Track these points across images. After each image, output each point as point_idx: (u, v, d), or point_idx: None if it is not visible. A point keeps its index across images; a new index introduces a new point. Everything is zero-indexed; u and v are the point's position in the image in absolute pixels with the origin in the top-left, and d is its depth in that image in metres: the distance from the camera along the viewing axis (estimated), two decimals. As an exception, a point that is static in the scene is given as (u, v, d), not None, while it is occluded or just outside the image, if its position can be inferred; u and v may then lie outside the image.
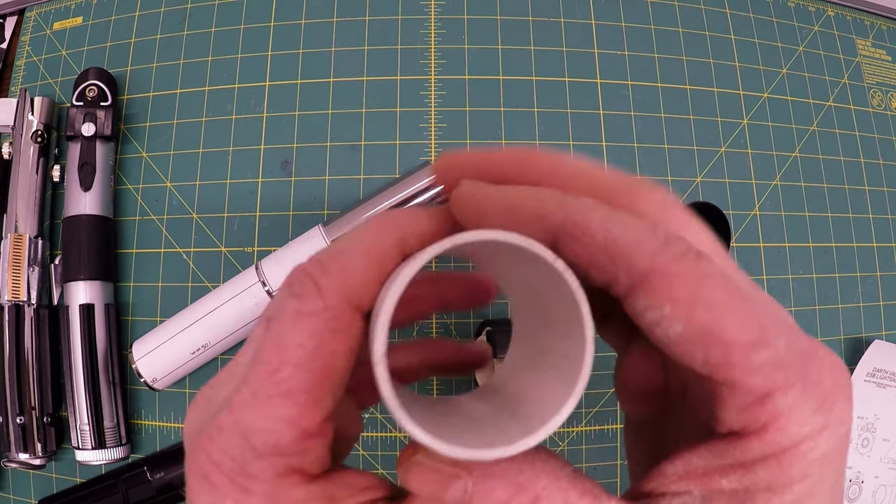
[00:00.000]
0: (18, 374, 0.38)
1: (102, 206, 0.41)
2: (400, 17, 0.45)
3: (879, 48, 0.49)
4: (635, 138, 0.44)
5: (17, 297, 0.39)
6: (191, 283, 0.42)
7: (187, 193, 0.43)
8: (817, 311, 0.44)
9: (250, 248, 0.42)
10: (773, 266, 0.44)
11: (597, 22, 0.46)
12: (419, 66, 0.45)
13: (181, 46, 0.45)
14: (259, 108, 0.44)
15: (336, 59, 0.44)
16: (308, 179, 0.43)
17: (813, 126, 0.46)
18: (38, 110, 0.42)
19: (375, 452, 0.41)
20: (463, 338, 0.41)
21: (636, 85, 0.45)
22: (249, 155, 0.43)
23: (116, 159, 0.43)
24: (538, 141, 0.43)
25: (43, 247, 0.41)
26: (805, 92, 0.47)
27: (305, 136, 0.43)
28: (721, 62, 0.46)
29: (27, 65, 0.46)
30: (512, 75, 0.45)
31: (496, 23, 0.45)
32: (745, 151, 0.45)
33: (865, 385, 0.42)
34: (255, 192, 0.43)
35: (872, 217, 0.46)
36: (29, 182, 0.41)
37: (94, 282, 0.39)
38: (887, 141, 0.47)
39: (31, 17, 0.48)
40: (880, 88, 0.48)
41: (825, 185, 0.45)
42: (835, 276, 0.44)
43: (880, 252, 0.45)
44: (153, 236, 0.43)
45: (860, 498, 0.41)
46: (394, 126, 0.44)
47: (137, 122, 0.44)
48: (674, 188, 0.44)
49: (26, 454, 0.38)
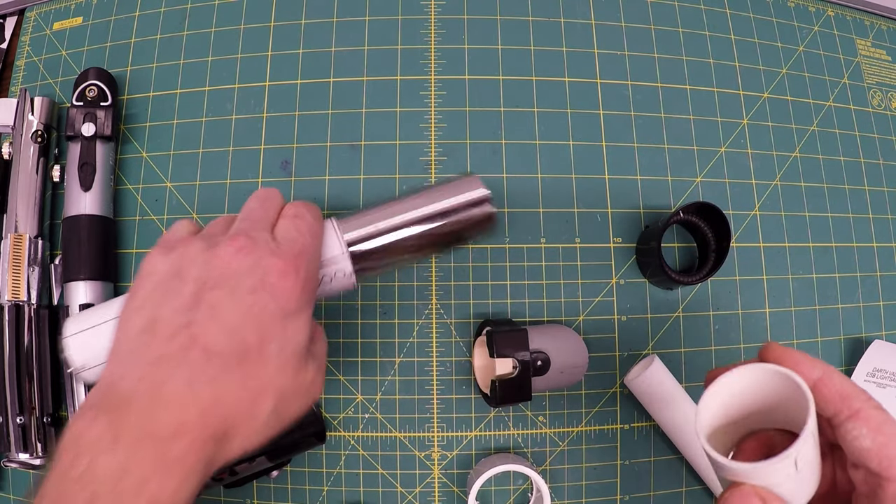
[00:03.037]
0: (18, 374, 0.38)
1: (102, 206, 0.41)
2: (400, 17, 0.45)
3: (879, 48, 0.49)
4: (635, 138, 0.44)
5: (17, 297, 0.39)
6: (191, 283, 0.42)
7: (187, 193, 0.43)
8: (817, 311, 0.44)
9: (250, 248, 0.42)
10: (773, 266, 0.44)
11: (597, 22, 0.46)
12: (419, 66, 0.45)
13: (181, 46, 0.45)
14: (259, 108, 0.44)
15: (336, 59, 0.44)
16: (308, 179, 0.43)
17: (813, 126, 0.46)
18: (38, 110, 0.42)
19: (375, 452, 0.41)
20: (463, 337, 0.41)
21: (636, 85, 0.45)
22: (249, 155, 0.43)
23: (116, 159, 0.43)
24: (538, 141, 0.44)
25: (43, 247, 0.41)
26: (805, 92, 0.47)
27: (305, 136, 0.43)
28: (721, 62, 0.46)
29: (27, 65, 0.46)
30: (512, 75, 0.45)
31: (496, 23, 0.45)
32: (745, 151, 0.45)
33: (865, 385, 0.42)
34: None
35: (872, 217, 0.46)
36: (29, 182, 0.41)
37: (94, 282, 0.39)
38: (887, 141, 0.47)
39: (31, 17, 0.48)
40: (880, 88, 0.48)
41: (825, 185, 0.45)
42: (835, 276, 0.44)
43: (880, 252, 0.45)
44: (153, 236, 0.43)
45: (860, 498, 0.41)
46: (394, 126, 0.44)
47: (137, 122, 0.44)
48: (674, 188, 0.44)
49: (26, 454, 0.38)
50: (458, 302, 0.42)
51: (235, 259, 0.24)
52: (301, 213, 0.28)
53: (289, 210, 0.28)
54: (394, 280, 0.42)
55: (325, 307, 0.42)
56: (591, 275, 0.42)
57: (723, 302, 0.43)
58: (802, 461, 0.21)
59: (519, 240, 0.42)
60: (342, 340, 0.41)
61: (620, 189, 0.43)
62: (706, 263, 0.41)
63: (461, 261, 0.42)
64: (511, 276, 0.42)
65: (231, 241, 0.25)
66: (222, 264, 0.24)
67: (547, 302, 0.42)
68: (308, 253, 0.26)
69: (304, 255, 0.26)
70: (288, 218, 0.27)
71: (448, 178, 0.32)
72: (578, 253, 0.43)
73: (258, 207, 0.28)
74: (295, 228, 0.27)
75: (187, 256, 0.25)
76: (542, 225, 0.43)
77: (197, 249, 0.25)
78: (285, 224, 0.27)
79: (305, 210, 0.28)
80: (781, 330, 0.43)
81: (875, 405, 0.22)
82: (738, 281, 0.43)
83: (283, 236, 0.26)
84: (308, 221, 0.27)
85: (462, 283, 0.42)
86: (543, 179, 0.43)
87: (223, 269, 0.24)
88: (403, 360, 0.41)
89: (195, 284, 0.24)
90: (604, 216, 0.43)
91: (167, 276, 0.24)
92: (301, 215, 0.28)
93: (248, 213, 0.27)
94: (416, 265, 0.42)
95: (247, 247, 0.25)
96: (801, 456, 0.21)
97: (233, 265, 0.24)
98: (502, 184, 0.43)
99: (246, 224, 0.26)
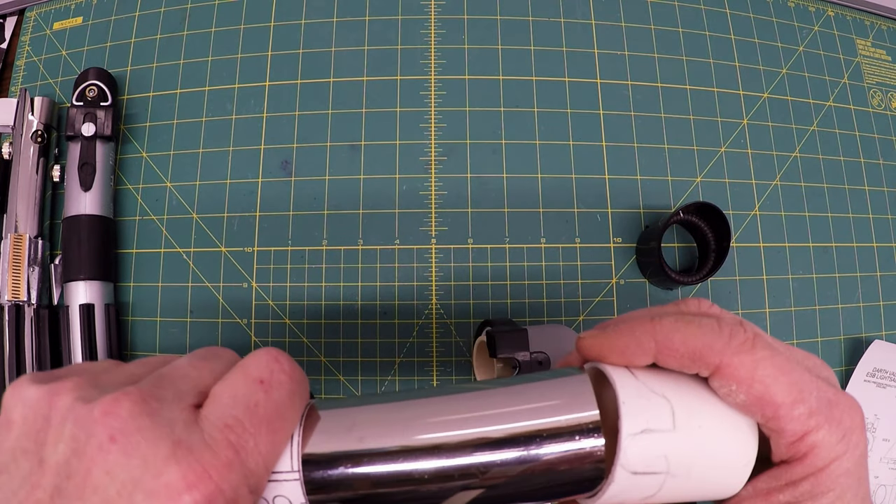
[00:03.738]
0: (18, 375, 0.38)
1: (102, 206, 0.41)
2: (400, 17, 0.45)
3: (879, 48, 0.49)
4: (635, 138, 0.44)
5: (17, 297, 0.39)
6: (191, 283, 0.42)
7: (187, 193, 0.43)
8: (817, 311, 0.44)
9: (250, 248, 0.42)
10: (773, 266, 0.44)
11: (597, 22, 0.46)
12: (419, 66, 0.45)
13: (181, 46, 0.45)
14: (259, 108, 0.44)
15: (336, 59, 0.44)
16: (308, 179, 0.43)
17: (813, 126, 0.46)
18: (38, 110, 0.42)
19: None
20: (462, 337, 0.41)
21: (636, 85, 0.45)
22: (249, 155, 0.43)
23: (116, 159, 0.43)
24: (538, 141, 0.44)
25: (43, 247, 0.41)
26: (805, 92, 0.47)
27: (305, 136, 0.43)
28: (721, 62, 0.46)
29: (27, 65, 0.46)
30: (512, 75, 0.44)
31: (496, 23, 0.45)
32: (745, 151, 0.45)
33: (865, 385, 0.42)
34: (255, 192, 0.43)
35: (872, 217, 0.46)
36: (29, 182, 0.41)
37: (94, 282, 0.39)
38: (887, 141, 0.47)
39: (31, 17, 0.48)
40: (880, 88, 0.48)
41: (825, 185, 0.45)
42: (835, 276, 0.44)
43: (880, 252, 0.45)
44: (153, 236, 0.43)
45: (860, 498, 0.41)
46: (394, 126, 0.44)
47: (137, 122, 0.44)
48: (674, 188, 0.44)
49: (26, 454, 0.38)
50: (458, 302, 0.42)
51: (111, 450, 0.14)
52: (272, 376, 0.16)
53: (250, 364, 0.17)
54: (394, 280, 0.42)
55: (324, 307, 0.42)
56: (591, 275, 0.42)
57: (723, 302, 0.43)
58: (675, 459, 0.17)
59: (519, 240, 0.42)
60: (342, 340, 0.41)
61: (620, 189, 0.43)
62: (706, 263, 0.41)
63: (461, 261, 0.42)
64: (511, 276, 0.42)
65: (107, 412, 0.15)
66: (90, 453, 0.14)
67: (547, 302, 0.42)
68: (251, 453, 0.15)
69: (239, 462, 0.15)
70: (242, 380, 0.16)
71: (543, 371, 0.20)
72: (578, 253, 0.43)
73: (186, 364, 0.17)
74: (247, 405, 0.16)
75: (55, 410, 0.15)
76: (542, 225, 0.43)
77: (69, 403, 0.15)
78: (232, 391, 0.16)
79: (282, 371, 0.17)
80: (781, 330, 0.43)
81: (738, 346, 0.17)
82: (738, 281, 0.43)
83: (218, 418, 0.15)
84: (277, 398, 0.16)
85: (462, 283, 0.42)
86: (543, 179, 0.43)
87: (89, 463, 0.14)
88: (403, 360, 0.41)
89: (54, 478, 0.14)
90: (604, 216, 0.43)
91: (23, 440, 0.15)
92: (271, 382, 0.16)
93: (171, 370, 0.17)
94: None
95: (128, 426, 0.14)
96: (644, 458, 0.16)
97: (108, 459, 0.14)
98: (502, 184, 0.43)
99: (153, 382, 0.16)
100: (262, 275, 0.42)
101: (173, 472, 0.14)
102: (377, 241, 0.42)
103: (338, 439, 0.16)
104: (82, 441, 0.14)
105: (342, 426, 0.17)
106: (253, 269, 0.42)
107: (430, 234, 0.42)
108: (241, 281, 0.42)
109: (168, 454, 0.14)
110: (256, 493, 0.16)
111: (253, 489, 0.15)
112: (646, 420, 0.17)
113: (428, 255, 0.42)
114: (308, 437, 0.16)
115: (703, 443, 0.17)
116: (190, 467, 0.14)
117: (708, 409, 0.18)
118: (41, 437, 0.15)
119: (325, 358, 0.41)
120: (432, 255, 0.42)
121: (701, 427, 0.17)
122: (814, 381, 0.18)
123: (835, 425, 0.17)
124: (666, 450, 0.17)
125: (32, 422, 0.15)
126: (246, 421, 0.15)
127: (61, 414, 0.15)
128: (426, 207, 0.42)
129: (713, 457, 0.17)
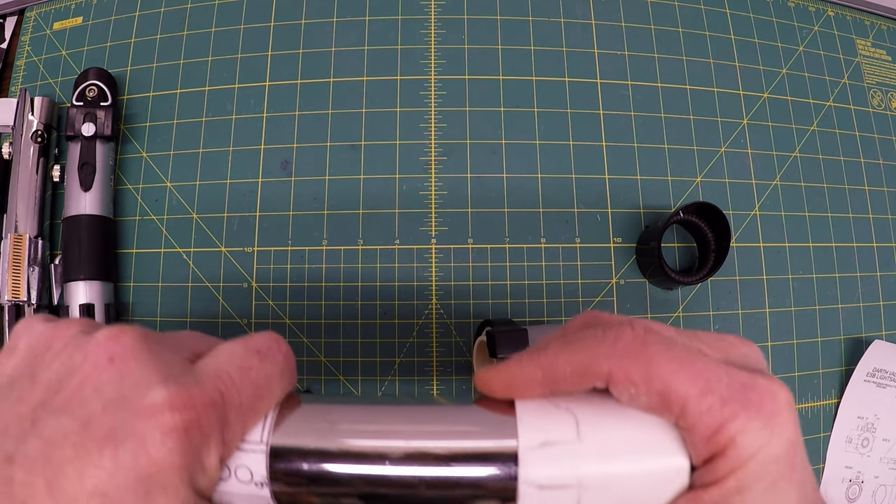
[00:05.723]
0: (18, 374, 0.38)
1: (102, 206, 0.41)
2: (400, 17, 0.45)
3: (879, 48, 0.49)
4: (635, 138, 0.44)
5: (17, 297, 0.39)
6: (191, 283, 0.42)
7: (187, 193, 0.43)
8: (817, 311, 0.44)
9: (250, 248, 0.42)
10: (773, 266, 0.44)
11: (597, 22, 0.46)
12: (419, 66, 0.45)
13: (181, 46, 0.45)
14: (259, 108, 0.44)
15: (336, 59, 0.44)
16: (308, 179, 0.43)
17: (813, 126, 0.46)
18: (38, 110, 0.42)
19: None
20: (462, 337, 0.41)
21: (636, 85, 0.45)
22: (249, 155, 0.43)
23: (116, 159, 0.43)
24: (538, 141, 0.44)
25: (43, 247, 0.41)
26: (805, 92, 0.47)
27: (305, 136, 0.43)
28: (721, 62, 0.46)
29: (27, 65, 0.46)
30: (512, 75, 0.45)
31: (496, 23, 0.45)
32: (745, 151, 0.45)
33: (865, 385, 0.42)
34: (255, 192, 0.43)
35: (872, 217, 0.46)
36: (29, 182, 0.41)
37: (94, 282, 0.39)
38: (887, 141, 0.47)
39: (31, 17, 0.48)
40: (880, 88, 0.48)
41: (825, 185, 0.45)
42: (835, 276, 0.44)
43: (880, 252, 0.45)
44: (153, 236, 0.43)
45: (860, 498, 0.41)
46: (394, 126, 0.44)
47: (137, 122, 0.44)
48: (674, 188, 0.44)
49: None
50: (458, 302, 0.42)
51: (106, 369, 0.16)
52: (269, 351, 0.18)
53: (252, 338, 0.18)
54: (394, 280, 0.42)
55: (324, 307, 0.42)
56: (591, 275, 0.42)
57: (723, 302, 0.43)
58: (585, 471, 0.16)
59: (519, 240, 0.42)
60: (342, 340, 0.41)
61: (620, 189, 0.43)
62: (706, 263, 0.41)
63: (461, 261, 0.42)
64: (511, 276, 0.42)
65: (110, 337, 0.16)
66: (85, 371, 0.16)
67: (547, 302, 0.42)
68: (233, 403, 0.16)
69: (222, 405, 0.16)
70: (241, 346, 0.18)
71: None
72: (578, 253, 0.43)
73: (189, 334, 0.19)
74: (241, 366, 0.17)
75: (58, 339, 0.17)
76: (542, 225, 0.43)
77: (73, 333, 0.17)
78: (230, 352, 0.18)
79: (279, 350, 0.18)
80: (781, 330, 0.43)
81: (625, 347, 0.16)
82: (738, 281, 0.43)
83: (211, 368, 0.17)
84: (269, 370, 0.18)
85: (462, 283, 0.42)
86: (543, 179, 0.43)
87: (81, 379, 0.15)
88: (403, 360, 0.41)
89: (43, 393, 0.16)
90: (604, 216, 0.43)
91: (22, 364, 0.17)
92: (267, 354, 0.18)
93: (175, 334, 0.19)
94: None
95: (128, 352, 0.16)
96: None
97: (101, 377, 0.15)
98: (502, 184, 0.43)
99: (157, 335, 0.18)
100: (262, 275, 0.42)
101: (160, 395, 0.15)
102: (377, 241, 0.42)
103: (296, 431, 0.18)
104: (78, 361, 0.16)
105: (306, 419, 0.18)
106: (253, 269, 0.42)
107: (430, 234, 0.42)
108: (241, 281, 0.42)
109: (159, 381, 0.15)
110: (228, 447, 0.16)
111: (227, 441, 0.16)
112: (545, 433, 0.17)
113: (428, 255, 0.42)
114: (281, 419, 0.18)
115: (616, 452, 0.16)
116: (178, 394, 0.15)
117: (617, 417, 0.17)
118: (39, 360, 0.17)
119: (325, 358, 0.41)
120: (432, 255, 0.42)
121: (611, 436, 0.16)
122: (721, 367, 0.16)
123: (754, 411, 0.15)
124: (573, 462, 0.16)
125: (35, 349, 0.17)
126: (236, 377, 0.17)
127: (64, 341, 0.17)
128: (426, 207, 0.43)
129: (632, 466, 0.16)
